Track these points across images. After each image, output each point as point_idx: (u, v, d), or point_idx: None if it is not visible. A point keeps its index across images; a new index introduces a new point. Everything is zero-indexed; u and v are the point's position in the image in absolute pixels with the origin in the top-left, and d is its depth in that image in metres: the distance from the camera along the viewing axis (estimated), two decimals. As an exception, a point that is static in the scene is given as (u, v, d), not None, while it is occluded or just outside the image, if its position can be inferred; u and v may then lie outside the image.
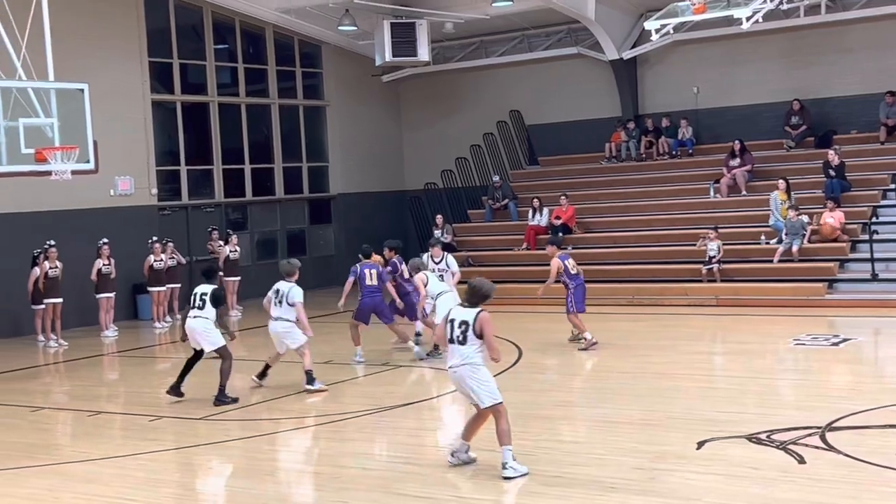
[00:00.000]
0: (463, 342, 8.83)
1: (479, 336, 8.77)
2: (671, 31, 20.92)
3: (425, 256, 16.36)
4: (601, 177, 25.12)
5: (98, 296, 19.65)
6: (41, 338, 18.98)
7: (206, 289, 12.79)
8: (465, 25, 25.69)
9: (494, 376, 9.11)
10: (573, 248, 22.37)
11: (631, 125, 25.44)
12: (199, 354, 12.95)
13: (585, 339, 15.50)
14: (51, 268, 18.98)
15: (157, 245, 20.66)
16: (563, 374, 14.64)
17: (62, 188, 16.05)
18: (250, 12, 25.01)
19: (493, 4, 23.33)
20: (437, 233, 24.01)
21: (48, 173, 13.31)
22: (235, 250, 22.47)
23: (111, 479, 9.67)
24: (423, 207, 27.29)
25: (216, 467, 10.39)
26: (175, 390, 12.90)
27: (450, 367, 8.99)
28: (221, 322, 12.94)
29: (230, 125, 25.39)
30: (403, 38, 24.27)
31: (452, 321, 8.92)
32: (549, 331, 17.26)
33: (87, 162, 13.48)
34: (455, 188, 27.21)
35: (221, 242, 22.32)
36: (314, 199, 27.61)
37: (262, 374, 13.48)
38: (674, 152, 24.68)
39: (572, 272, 15.85)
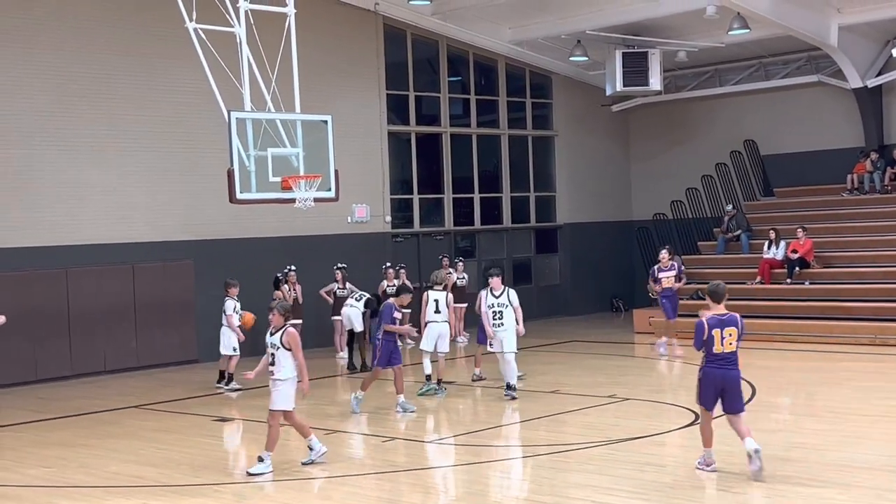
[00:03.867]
0: None
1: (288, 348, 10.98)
2: (921, 58, 19.84)
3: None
4: (842, 209, 24.00)
5: (333, 318, 20.39)
6: (280, 357, 19.86)
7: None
8: (699, 54, 25.23)
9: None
10: (810, 283, 21.54)
11: (875, 156, 24.22)
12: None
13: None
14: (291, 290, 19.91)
15: (391, 270, 21.33)
16: (797, 415, 14.03)
17: (304, 214, 16.79)
18: (484, 45, 25.54)
19: (730, 32, 22.80)
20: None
21: (292, 201, 13.89)
22: (463, 277, 22.90)
23: (345, 497, 10.01)
24: (650, 238, 26.89)
25: (443, 489, 10.55)
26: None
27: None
28: None
29: (461, 155, 25.95)
30: (635, 68, 24.11)
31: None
32: (783, 368, 16.61)
33: (329, 190, 14.02)
34: (685, 219, 26.68)
35: (451, 270, 22.78)
36: (541, 228, 27.76)
37: None
38: (922, 184, 23.33)
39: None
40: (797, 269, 21.84)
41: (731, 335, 9.97)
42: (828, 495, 9.24)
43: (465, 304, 22.58)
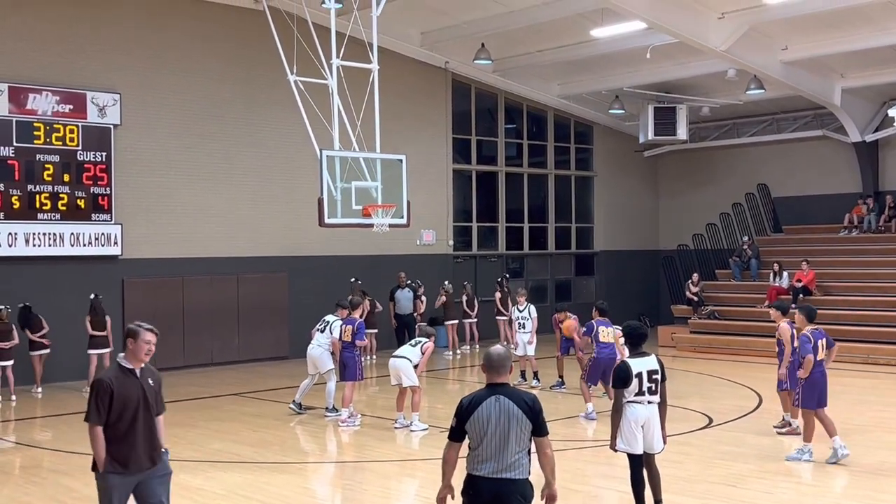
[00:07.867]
0: None
1: None
2: (914, 117, 19.35)
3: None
4: (841, 245, 23.45)
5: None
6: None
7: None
8: (720, 109, 24.92)
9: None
10: (812, 309, 20.97)
11: (871, 200, 23.65)
12: None
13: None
14: (370, 301, 19.90)
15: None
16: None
17: (380, 237, 16.84)
18: (536, 98, 25.45)
19: (747, 92, 22.46)
20: (695, 290, 23.09)
21: (371, 225, 13.95)
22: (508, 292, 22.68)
23: (402, 476, 9.94)
24: (674, 265, 26.53)
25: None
26: None
27: None
28: None
29: (513, 190, 25.85)
30: (664, 120, 23.92)
31: None
32: (788, 381, 16.15)
33: (402, 218, 14.05)
34: (704, 250, 26.28)
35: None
36: (580, 254, 27.51)
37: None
38: (912, 226, 22.70)
39: (601, 340, 13.06)
40: (801, 295, 21.33)
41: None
42: (829, 492, 8.95)
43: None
